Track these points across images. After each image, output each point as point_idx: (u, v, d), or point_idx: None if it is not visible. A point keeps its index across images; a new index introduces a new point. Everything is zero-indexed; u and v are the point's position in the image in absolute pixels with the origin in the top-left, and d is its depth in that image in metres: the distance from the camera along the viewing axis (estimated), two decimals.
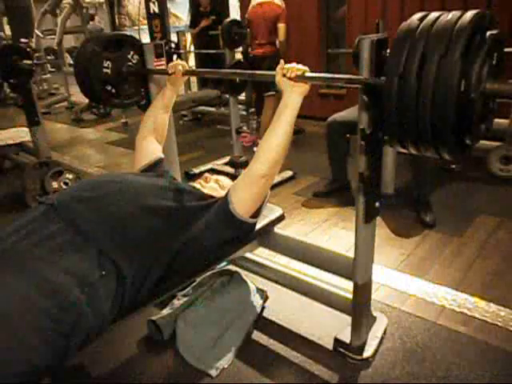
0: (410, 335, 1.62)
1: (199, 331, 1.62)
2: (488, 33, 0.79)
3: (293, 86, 1.26)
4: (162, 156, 1.63)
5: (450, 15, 0.81)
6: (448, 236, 2.32)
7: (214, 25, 5.30)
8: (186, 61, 6.05)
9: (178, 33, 6.07)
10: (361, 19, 4.32)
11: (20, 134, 3.57)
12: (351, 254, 1.47)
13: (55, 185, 2.99)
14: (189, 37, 6.15)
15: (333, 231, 2.48)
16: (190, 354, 1.55)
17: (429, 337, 1.60)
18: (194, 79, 6.58)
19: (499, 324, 1.65)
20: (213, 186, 1.53)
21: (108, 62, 1.69)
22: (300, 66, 1.26)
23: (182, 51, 5.83)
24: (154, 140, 1.66)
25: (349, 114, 2.77)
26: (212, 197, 1.43)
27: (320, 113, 4.36)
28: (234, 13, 6.97)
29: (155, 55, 1.89)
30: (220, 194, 1.45)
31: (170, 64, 1.63)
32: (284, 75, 1.26)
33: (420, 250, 2.22)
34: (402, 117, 0.83)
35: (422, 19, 0.84)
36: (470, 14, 0.79)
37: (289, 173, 3.32)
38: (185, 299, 1.77)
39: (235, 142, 3.18)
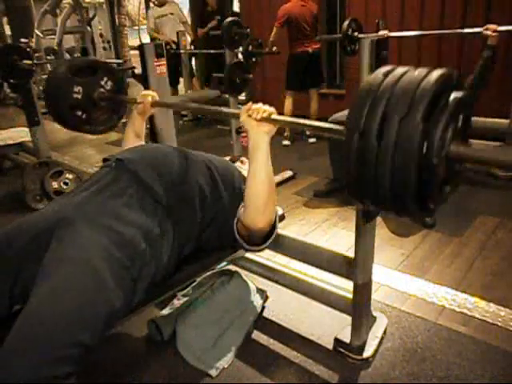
0: (410, 335, 1.62)
1: (199, 331, 1.62)
2: (453, 95, 0.77)
3: (258, 127, 1.22)
4: None
5: (416, 73, 0.79)
6: (448, 236, 2.32)
7: (219, 25, 5.30)
8: (186, 61, 6.04)
9: (177, 33, 6.06)
10: (361, 19, 4.31)
11: (20, 134, 3.57)
12: (351, 254, 1.47)
13: (55, 185, 2.99)
14: (188, 37, 6.14)
15: (333, 231, 2.48)
16: (190, 354, 1.55)
17: (429, 337, 1.60)
18: (194, 79, 6.57)
19: (499, 324, 1.65)
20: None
21: (79, 88, 1.66)
22: (266, 108, 1.22)
23: (182, 51, 5.82)
24: None
25: None
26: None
27: (320, 113, 4.36)
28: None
29: (155, 55, 1.89)
30: None
31: (141, 93, 1.63)
32: (249, 116, 1.23)
33: (420, 250, 2.22)
34: (362, 176, 0.81)
35: (387, 74, 0.82)
36: (435, 74, 0.76)
37: (289, 173, 3.32)
38: (185, 299, 1.77)
39: (235, 141, 3.18)
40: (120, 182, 1.22)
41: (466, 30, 3.16)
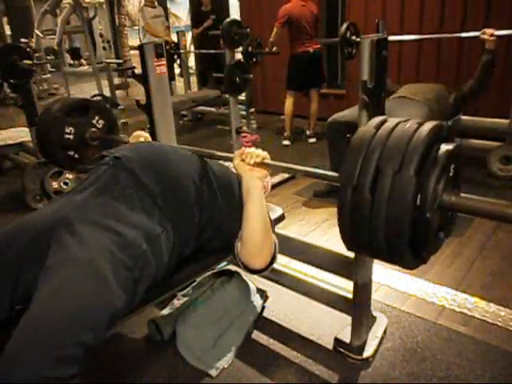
0: (410, 335, 1.62)
1: (199, 331, 1.62)
2: (443, 148, 0.79)
3: (251, 171, 1.22)
4: None
5: (408, 125, 0.80)
6: None
7: (215, 24, 5.30)
8: (186, 61, 6.05)
9: (177, 33, 6.06)
10: (361, 19, 4.31)
11: (20, 134, 3.57)
12: (351, 254, 1.47)
13: (55, 185, 2.99)
14: (189, 37, 6.15)
15: (333, 231, 2.48)
16: (190, 354, 1.55)
17: (429, 337, 1.60)
18: (193, 79, 6.58)
19: (499, 324, 1.65)
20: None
21: (70, 128, 1.67)
22: (259, 152, 1.22)
23: (182, 51, 5.82)
24: None
25: (349, 113, 2.77)
26: None
27: (320, 113, 4.36)
28: (234, 13, 6.98)
29: (155, 55, 1.89)
30: None
31: (133, 135, 1.63)
32: (243, 160, 1.22)
33: None
34: (357, 229, 0.82)
35: (378, 127, 0.83)
36: (426, 127, 0.78)
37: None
38: (185, 299, 1.77)
39: (235, 142, 3.18)
40: (118, 181, 1.21)
41: (464, 35, 3.17)
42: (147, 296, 1.19)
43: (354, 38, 3.12)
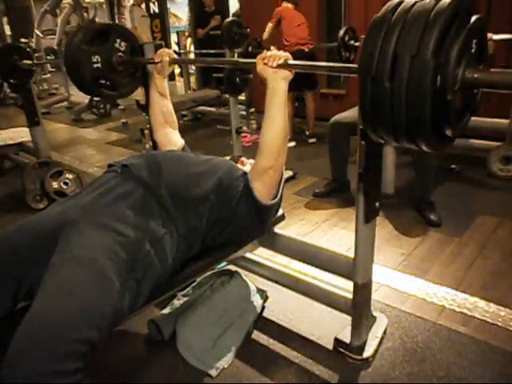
0: (410, 335, 1.62)
1: (199, 331, 1.62)
2: (464, 20, 0.75)
3: (275, 73, 1.25)
4: (184, 142, 1.70)
5: (427, 0, 0.76)
6: (448, 236, 2.32)
7: (221, 24, 5.32)
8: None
9: (177, 33, 6.07)
10: (361, 19, 4.32)
11: (20, 133, 3.57)
12: (351, 254, 1.47)
13: (55, 185, 2.99)
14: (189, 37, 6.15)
15: (333, 231, 2.48)
16: (190, 354, 1.55)
17: (429, 337, 1.60)
18: (193, 79, 6.58)
19: (499, 324, 1.65)
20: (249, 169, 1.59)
21: (97, 56, 1.66)
22: (281, 53, 1.25)
23: (182, 51, 5.83)
24: (169, 130, 1.69)
25: (350, 114, 2.77)
26: None
27: (320, 113, 4.37)
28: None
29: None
30: None
31: (157, 53, 1.64)
32: (266, 64, 1.25)
33: (420, 250, 2.22)
34: (378, 113, 0.80)
35: (394, 9, 0.79)
36: (444, 1, 0.74)
37: (289, 173, 3.32)
38: (185, 299, 1.77)
39: (235, 141, 3.18)
40: (125, 185, 1.23)
41: None
42: (147, 296, 1.19)
43: (352, 42, 3.12)
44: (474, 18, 0.76)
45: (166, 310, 1.73)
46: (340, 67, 1.11)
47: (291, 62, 1.25)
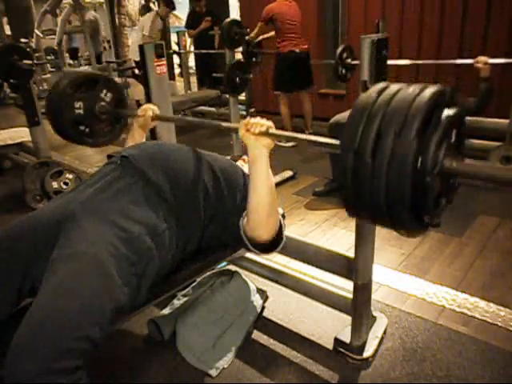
0: (410, 335, 1.62)
1: (199, 331, 1.62)
2: (445, 112, 0.79)
3: (257, 141, 1.22)
4: None
5: (410, 90, 0.80)
6: (448, 236, 2.32)
7: (212, 26, 5.30)
8: (186, 61, 6.05)
9: (177, 33, 6.07)
10: (361, 19, 4.32)
11: (20, 133, 3.57)
12: (351, 254, 1.47)
13: (55, 185, 2.99)
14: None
15: (333, 231, 2.48)
16: (190, 354, 1.55)
17: (429, 337, 1.60)
18: (193, 79, 6.58)
19: (499, 324, 1.65)
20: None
21: (80, 103, 1.68)
22: (264, 122, 1.22)
23: (182, 51, 5.83)
24: None
25: None
26: None
27: (320, 113, 4.37)
28: (234, 13, 6.98)
29: (155, 55, 1.89)
30: None
31: (141, 107, 1.63)
32: (248, 130, 1.22)
33: (420, 250, 2.22)
34: (358, 192, 0.82)
35: (381, 92, 0.83)
36: (428, 91, 0.78)
37: (289, 173, 3.32)
38: (185, 299, 1.77)
39: (235, 141, 3.18)
40: (125, 178, 1.23)
41: (458, 61, 3.19)
42: (147, 296, 1.19)
43: (349, 60, 3.10)
44: (454, 111, 0.80)
45: (166, 310, 1.74)
46: (321, 142, 1.10)
47: (273, 131, 1.22)
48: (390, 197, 0.77)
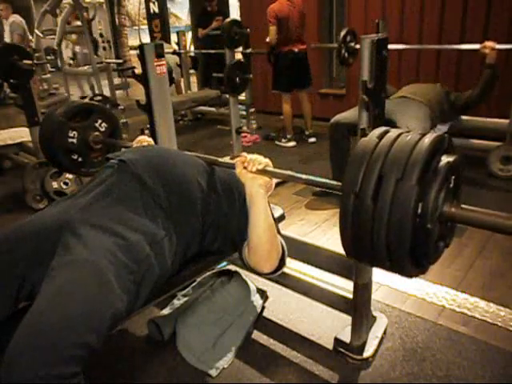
0: (410, 335, 1.62)
1: (199, 331, 1.62)
2: (445, 160, 0.81)
3: (253, 180, 1.22)
4: None
5: (410, 136, 0.82)
6: None
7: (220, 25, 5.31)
8: (186, 61, 6.05)
9: (177, 33, 6.07)
10: (361, 19, 4.32)
11: (20, 133, 3.57)
12: None
13: (55, 185, 2.99)
14: (189, 37, 6.14)
15: (333, 231, 2.48)
16: (190, 354, 1.55)
17: (429, 337, 1.60)
18: (193, 79, 6.58)
19: (499, 324, 1.65)
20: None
21: (74, 132, 1.67)
22: (261, 159, 1.22)
23: (182, 51, 5.83)
24: None
25: (351, 115, 2.77)
26: None
27: (320, 113, 4.37)
28: (234, 13, 6.98)
29: (155, 55, 1.89)
30: None
31: (136, 139, 1.63)
32: (245, 168, 1.22)
33: None
34: (358, 236, 0.83)
35: (381, 137, 0.84)
36: (427, 139, 0.79)
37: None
38: (185, 299, 1.77)
39: (235, 141, 3.19)
40: (123, 184, 1.22)
41: (464, 47, 3.18)
42: (147, 296, 1.19)
43: (353, 44, 3.09)
44: (453, 158, 0.82)
45: (166, 310, 1.73)
46: (322, 182, 1.10)
47: (270, 168, 1.21)
48: (391, 241, 0.78)
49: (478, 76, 2.93)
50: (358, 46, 3.11)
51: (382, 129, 0.88)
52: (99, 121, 1.73)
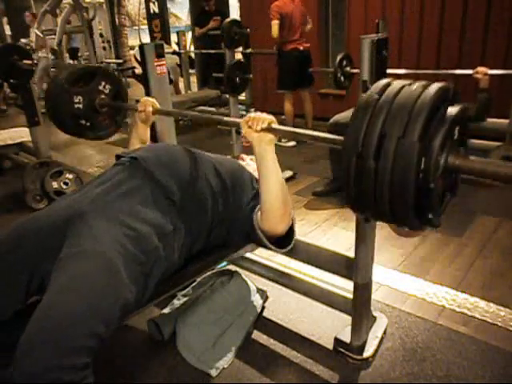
0: (410, 335, 1.62)
1: (199, 331, 1.62)
2: (449, 111, 0.78)
3: (259, 138, 1.22)
4: None
5: (413, 88, 0.79)
6: (448, 236, 2.32)
7: (218, 25, 5.31)
8: (186, 61, 6.05)
9: (177, 33, 6.07)
10: (361, 19, 4.32)
11: (20, 133, 3.57)
12: (351, 254, 1.47)
13: (55, 185, 2.99)
14: (189, 37, 6.14)
15: (333, 231, 2.48)
16: (190, 354, 1.55)
17: (429, 337, 1.60)
18: (193, 79, 6.58)
19: (499, 324, 1.65)
20: (249, 163, 1.60)
21: (79, 97, 1.66)
22: (265, 117, 1.21)
23: (182, 51, 5.82)
24: None
25: (350, 114, 2.76)
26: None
27: (320, 113, 4.36)
28: (234, 13, 6.98)
29: (156, 55, 1.89)
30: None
31: (141, 101, 1.63)
32: (250, 127, 1.22)
33: (420, 250, 2.22)
34: (361, 193, 0.82)
35: (383, 90, 0.82)
36: (431, 89, 0.77)
37: (289, 173, 3.32)
38: (185, 299, 1.77)
39: (235, 141, 3.19)
40: (134, 179, 1.23)
41: (458, 72, 3.19)
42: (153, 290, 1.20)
43: (348, 69, 3.09)
44: (457, 109, 0.79)
45: (166, 310, 1.73)
46: (325, 138, 1.10)
47: (275, 126, 1.21)
48: (394, 198, 0.77)
49: (476, 85, 2.94)
50: (354, 71, 3.11)
51: (384, 81, 0.85)
52: (103, 83, 1.72)
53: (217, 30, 5.30)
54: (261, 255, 2.01)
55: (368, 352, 1.52)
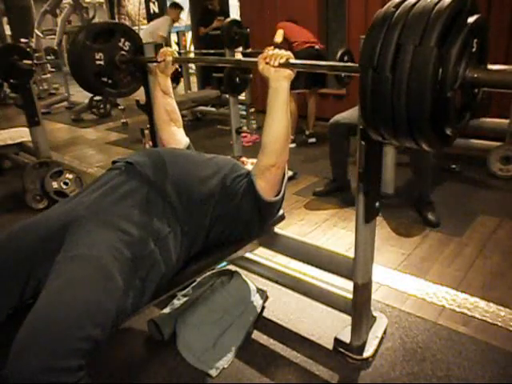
0: (410, 335, 1.62)
1: (199, 331, 1.62)
2: (467, 21, 0.75)
3: (277, 73, 1.25)
4: (188, 140, 1.73)
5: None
6: (448, 236, 2.32)
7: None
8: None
9: (177, 33, 6.07)
10: (361, 19, 4.32)
11: (20, 133, 3.57)
12: (351, 254, 1.47)
13: (55, 185, 2.99)
14: (189, 37, 6.14)
15: (333, 231, 2.48)
16: (190, 354, 1.55)
17: (429, 337, 1.60)
18: (193, 79, 6.58)
19: (499, 324, 1.65)
20: (250, 168, 1.59)
21: (100, 54, 1.68)
22: (283, 53, 1.24)
23: (182, 51, 5.82)
24: (174, 128, 1.72)
25: (351, 115, 2.77)
26: None
27: (320, 113, 4.36)
28: (234, 13, 6.98)
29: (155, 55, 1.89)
30: None
31: (160, 51, 1.64)
32: (267, 63, 1.25)
33: (420, 250, 2.22)
34: (378, 109, 0.79)
35: (398, 5, 0.79)
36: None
37: (289, 173, 3.31)
38: (185, 299, 1.77)
39: (235, 141, 3.18)
40: (130, 183, 1.24)
41: None
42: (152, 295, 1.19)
43: (350, 64, 3.09)
44: (475, 18, 0.76)
45: (166, 310, 1.73)
46: (342, 66, 1.12)
47: (293, 61, 1.24)
48: (411, 111, 0.74)
49: None
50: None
51: None
52: (122, 40, 1.74)
53: (217, 30, 5.31)
54: (261, 255, 2.01)
55: (368, 352, 1.52)
